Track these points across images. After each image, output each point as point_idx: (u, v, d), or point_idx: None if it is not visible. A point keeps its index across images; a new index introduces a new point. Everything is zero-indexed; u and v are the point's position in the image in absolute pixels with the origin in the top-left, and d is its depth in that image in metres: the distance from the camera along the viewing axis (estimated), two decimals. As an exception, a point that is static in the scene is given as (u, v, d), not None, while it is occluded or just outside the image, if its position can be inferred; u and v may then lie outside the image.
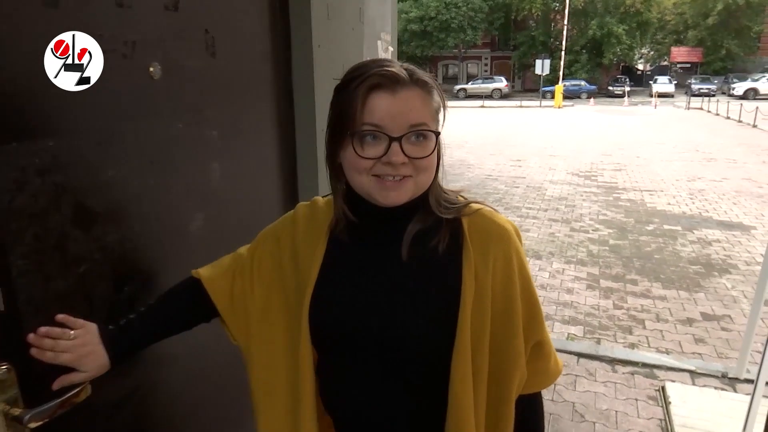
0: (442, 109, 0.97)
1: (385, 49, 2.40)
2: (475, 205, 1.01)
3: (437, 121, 0.95)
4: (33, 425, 0.95)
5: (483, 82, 38.18)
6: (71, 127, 1.05)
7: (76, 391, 1.03)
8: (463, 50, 42.21)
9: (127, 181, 1.19)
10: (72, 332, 1.00)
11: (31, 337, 0.95)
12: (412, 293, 0.97)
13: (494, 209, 1.04)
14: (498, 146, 15.10)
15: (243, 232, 1.59)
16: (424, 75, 0.93)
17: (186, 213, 1.38)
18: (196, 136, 1.37)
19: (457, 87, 38.04)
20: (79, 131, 1.07)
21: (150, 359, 1.29)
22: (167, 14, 1.25)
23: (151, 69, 1.21)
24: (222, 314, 1.14)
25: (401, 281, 0.98)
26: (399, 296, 0.97)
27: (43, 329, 0.97)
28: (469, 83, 39.02)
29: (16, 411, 0.94)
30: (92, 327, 1.04)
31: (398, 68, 0.91)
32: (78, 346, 1.00)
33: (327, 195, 1.11)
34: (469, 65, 45.76)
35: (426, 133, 0.91)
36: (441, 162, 0.99)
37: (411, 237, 0.97)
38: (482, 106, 30.16)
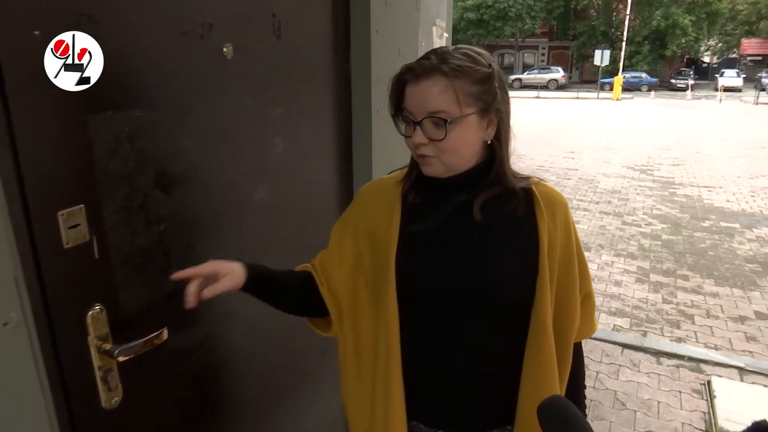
0: (497, 89, 1.05)
1: (440, 35, 2.46)
2: (535, 178, 1.18)
3: (471, 103, 1.03)
4: (122, 359, 1.09)
5: (539, 73, 37.29)
6: (155, 100, 1.18)
7: (156, 333, 1.17)
8: (520, 39, 41.43)
9: (201, 151, 1.32)
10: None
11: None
12: (499, 249, 1.12)
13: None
14: (551, 138, 14.83)
15: (300, 205, 1.72)
16: (462, 62, 1.02)
17: (251, 183, 1.50)
18: (262, 113, 1.49)
19: (512, 77, 37.26)
20: (160, 104, 1.20)
21: (217, 314, 1.43)
22: (239, -1, 1.37)
23: (225, 50, 1.33)
24: (330, 309, 1.21)
25: (483, 239, 1.12)
26: (486, 252, 1.12)
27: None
28: (525, 73, 38.23)
29: (107, 346, 1.09)
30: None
31: (429, 60, 1.03)
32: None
33: (392, 172, 1.25)
34: (525, 55, 44.88)
35: (443, 119, 1.01)
36: (509, 138, 1.12)
37: (482, 202, 1.10)
38: (537, 97, 29.55)
